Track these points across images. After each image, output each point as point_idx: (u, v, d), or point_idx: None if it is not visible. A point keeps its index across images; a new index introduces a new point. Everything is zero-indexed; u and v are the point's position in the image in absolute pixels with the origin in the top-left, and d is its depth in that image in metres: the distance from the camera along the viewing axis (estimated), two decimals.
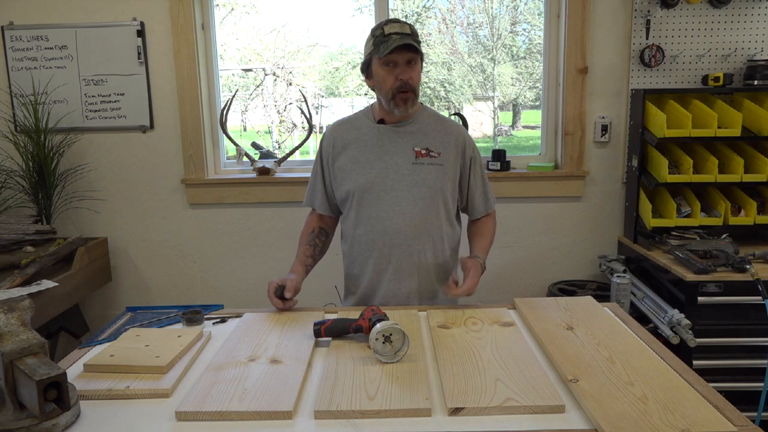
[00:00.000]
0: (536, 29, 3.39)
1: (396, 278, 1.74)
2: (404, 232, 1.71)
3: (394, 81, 1.65)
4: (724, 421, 1.01)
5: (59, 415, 1.03)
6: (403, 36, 1.61)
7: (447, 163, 1.75)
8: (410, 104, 1.69)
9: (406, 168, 1.72)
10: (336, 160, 1.79)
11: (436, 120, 1.81)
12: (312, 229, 1.87)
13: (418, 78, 1.69)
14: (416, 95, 1.69)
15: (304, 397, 1.15)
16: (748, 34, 2.64)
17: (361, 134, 1.78)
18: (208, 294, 2.97)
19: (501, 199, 2.82)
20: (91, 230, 2.91)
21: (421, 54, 1.67)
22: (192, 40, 2.74)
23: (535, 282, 2.92)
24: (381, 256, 1.73)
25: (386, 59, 1.64)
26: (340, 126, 1.84)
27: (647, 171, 2.55)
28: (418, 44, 1.64)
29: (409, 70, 1.65)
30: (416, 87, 1.68)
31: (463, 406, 1.08)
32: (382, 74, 1.67)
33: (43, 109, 2.76)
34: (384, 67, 1.66)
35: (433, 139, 1.76)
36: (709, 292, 2.16)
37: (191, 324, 1.54)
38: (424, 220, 1.72)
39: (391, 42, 1.60)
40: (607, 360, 1.25)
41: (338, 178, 1.79)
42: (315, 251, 1.84)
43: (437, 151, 1.74)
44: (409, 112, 1.72)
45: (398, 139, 1.75)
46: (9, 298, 1.17)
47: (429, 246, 1.74)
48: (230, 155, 3.07)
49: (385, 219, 1.71)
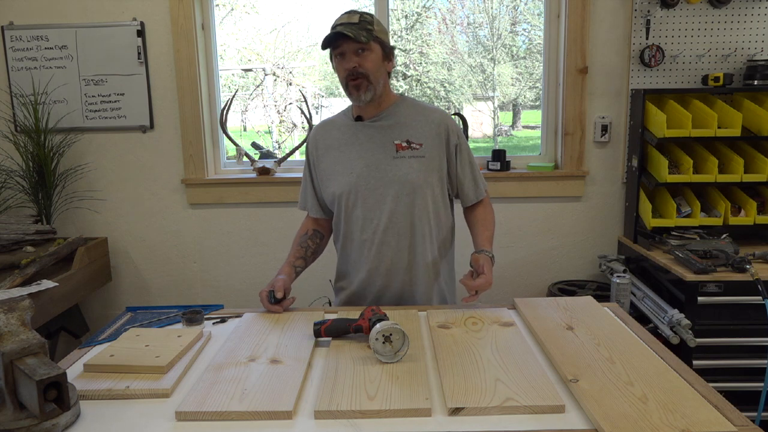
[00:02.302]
0: (536, 29, 3.38)
1: (388, 275, 1.72)
2: (392, 229, 1.69)
3: (343, 71, 1.64)
4: (724, 421, 1.01)
5: (59, 415, 1.03)
6: (345, 26, 1.59)
7: (430, 154, 1.70)
8: (363, 91, 1.64)
9: (387, 164, 1.69)
10: (320, 163, 1.78)
11: (415, 110, 1.75)
12: (306, 231, 1.86)
13: (373, 65, 1.63)
14: (371, 82, 1.63)
15: (304, 397, 1.15)
16: (748, 34, 2.64)
17: (341, 134, 1.76)
18: (208, 294, 2.97)
19: (501, 199, 2.82)
20: (91, 230, 2.91)
21: (373, 41, 1.61)
22: (192, 40, 2.74)
23: (535, 282, 2.92)
24: (371, 255, 1.72)
25: (336, 52, 1.64)
26: (322, 128, 1.82)
27: (647, 171, 2.55)
28: (368, 32, 1.60)
29: (358, 59, 1.61)
30: (369, 73, 1.62)
31: (463, 406, 1.08)
32: (336, 66, 1.67)
33: (43, 109, 2.76)
34: (336, 59, 1.66)
35: (413, 129, 1.71)
36: (709, 292, 2.16)
37: (191, 324, 1.54)
38: (411, 216, 1.69)
39: (331, 33, 1.60)
40: (607, 360, 1.25)
41: (324, 181, 1.78)
42: (306, 252, 1.82)
43: (418, 142, 1.69)
44: (364, 100, 1.66)
45: (376, 135, 1.71)
46: (9, 298, 1.17)
47: (419, 241, 1.72)
48: (230, 155, 3.07)
49: (372, 218, 1.70)
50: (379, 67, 1.65)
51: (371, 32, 1.62)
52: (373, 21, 1.65)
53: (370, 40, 1.61)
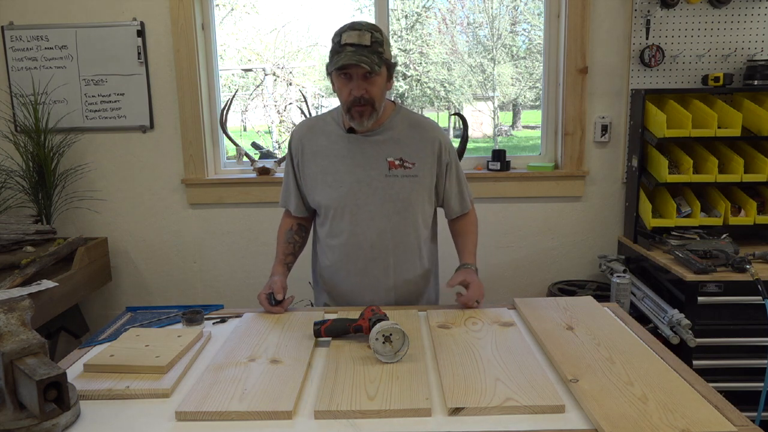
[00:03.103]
0: (536, 29, 3.39)
1: (370, 289, 1.71)
2: (379, 246, 1.67)
3: (348, 94, 1.55)
4: (724, 421, 1.01)
5: (59, 415, 1.03)
6: (357, 49, 1.50)
7: (422, 173, 1.66)
8: (366, 118, 1.57)
9: (378, 181, 1.64)
10: (305, 168, 1.72)
11: (411, 125, 1.69)
12: (290, 226, 1.82)
13: (379, 91, 1.56)
14: (375, 108, 1.57)
15: (304, 397, 1.15)
16: (748, 34, 2.64)
17: (330, 143, 1.68)
18: (208, 294, 2.97)
19: (501, 199, 2.83)
20: (91, 230, 2.91)
21: (383, 65, 1.54)
22: (192, 40, 2.74)
23: (535, 282, 2.92)
24: (356, 270, 1.70)
25: (339, 71, 1.54)
26: (308, 130, 1.73)
27: (647, 171, 2.55)
28: (379, 56, 1.52)
29: (365, 84, 1.53)
30: (375, 100, 1.56)
31: (463, 406, 1.08)
32: (339, 85, 1.58)
33: (43, 109, 2.76)
34: (339, 78, 1.56)
35: (407, 147, 1.66)
36: (709, 292, 2.15)
37: (191, 324, 1.54)
38: (399, 234, 1.67)
39: (343, 56, 1.50)
40: (607, 360, 1.25)
41: (308, 186, 1.73)
42: (294, 248, 1.81)
43: (411, 162, 1.65)
44: (365, 126, 1.60)
45: (370, 150, 1.65)
46: (9, 298, 1.17)
47: (406, 259, 1.70)
48: (230, 155, 3.07)
49: (359, 234, 1.67)
50: (383, 91, 1.60)
51: (381, 55, 1.54)
52: (383, 42, 1.55)
53: (381, 66, 1.54)
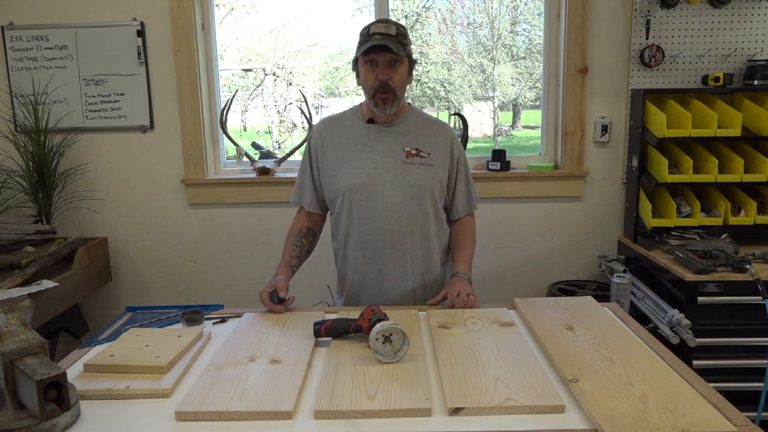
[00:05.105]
0: (536, 29, 3.39)
1: (388, 277, 1.75)
2: (396, 231, 1.72)
3: (374, 80, 1.66)
4: (724, 421, 1.01)
5: (59, 415, 1.03)
6: (385, 37, 1.62)
7: (437, 164, 1.76)
8: (389, 105, 1.69)
9: (396, 167, 1.72)
10: (325, 158, 1.79)
11: (424, 121, 1.82)
12: (299, 229, 1.86)
13: (401, 80, 1.69)
14: (396, 97, 1.69)
15: (304, 397, 1.15)
16: (748, 34, 2.64)
17: (350, 133, 1.78)
18: (208, 294, 2.97)
19: (501, 199, 2.83)
20: (91, 230, 2.91)
21: (406, 56, 1.67)
22: (192, 40, 2.74)
23: (535, 282, 2.91)
24: (374, 256, 1.75)
25: (367, 58, 1.65)
26: (330, 124, 1.84)
27: (647, 171, 2.55)
28: (403, 46, 1.65)
29: (390, 71, 1.66)
30: (397, 89, 1.68)
31: (463, 406, 1.08)
32: (364, 72, 1.69)
33: (43, 109, 2.76)
34: (366, 65, 1.68)
35: (422, 139, 1.77)
36: (709, 292, 2.15)
37: (191, 324, 1.54)
38: (415, 220, 1.73)
39: (371, 41, 1.62)
40: (607, 360, 1.25)
41: (327, 176, 1.79)
42: (301, 252, 1.83)
43: (427, 152, 1.76)
44: (388, 113, 1.71)
45: (388, 139, 1.75)
46: (9, 298, 1.17)
47: (420, 245, 1.76)
48: (230, 155, 3.07)
49: (377, 218, 1.72)
50: (404, 82, 1.72)
51: (405, 46, 1.67)
52: (407, 35, 1.69)
53: (404, 55, 1.66)
